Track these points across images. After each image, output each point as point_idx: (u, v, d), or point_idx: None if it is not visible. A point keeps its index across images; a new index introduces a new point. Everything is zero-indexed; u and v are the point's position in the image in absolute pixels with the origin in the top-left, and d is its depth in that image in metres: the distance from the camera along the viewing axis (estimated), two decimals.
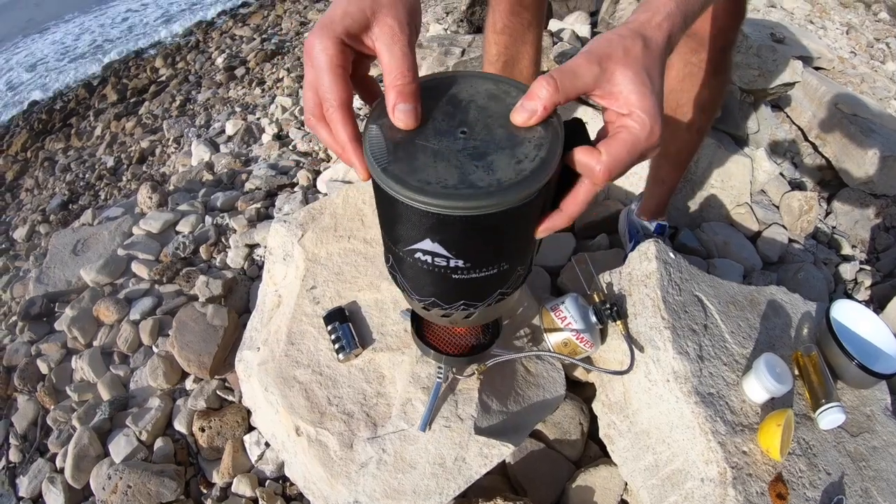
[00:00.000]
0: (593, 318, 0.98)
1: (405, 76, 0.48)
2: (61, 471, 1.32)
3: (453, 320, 0.66)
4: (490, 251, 0.53)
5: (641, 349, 0.96)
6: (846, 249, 1.91)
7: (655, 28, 0.49)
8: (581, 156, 0.47)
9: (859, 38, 3.63)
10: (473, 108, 0.52)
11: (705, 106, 1.18)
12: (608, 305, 0.99)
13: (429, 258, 0.52)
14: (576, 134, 0.49)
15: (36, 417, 1.47)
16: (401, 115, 0.48)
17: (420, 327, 0.84)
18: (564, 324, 0.96)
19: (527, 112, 0.47)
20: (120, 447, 1.31)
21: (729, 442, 0.87)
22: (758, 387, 0.90)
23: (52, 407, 1.47)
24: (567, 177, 0.49)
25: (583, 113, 1.77)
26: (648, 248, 1.04)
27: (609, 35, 0.49)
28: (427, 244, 0.51)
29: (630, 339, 0.96)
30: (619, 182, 1.71)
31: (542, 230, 0.53)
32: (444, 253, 0.51)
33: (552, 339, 0.98)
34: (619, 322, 0.97)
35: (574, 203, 0.50)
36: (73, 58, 7.93)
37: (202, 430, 1.31)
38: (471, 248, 0.51)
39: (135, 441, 1.32)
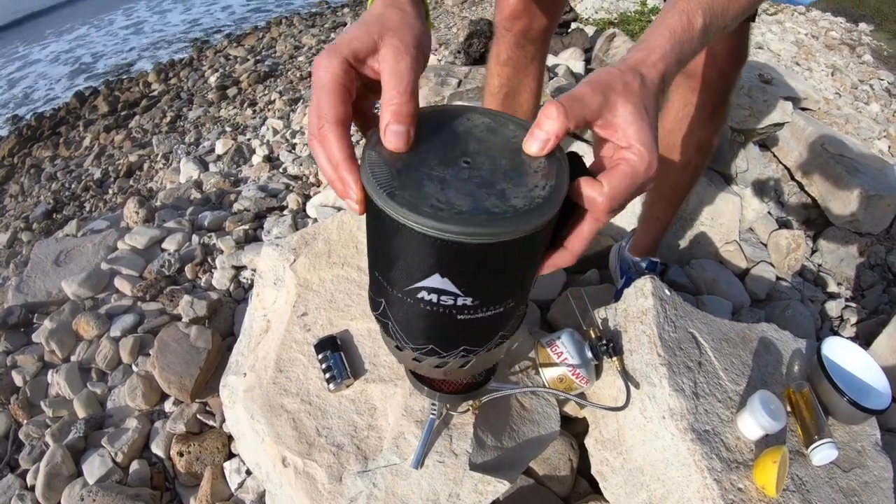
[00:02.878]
0: (589, 354, 0.97)
1: (401, 96, 0.46)
2: (32, 488, 1.26)
3: (448, 370, 0.63)
4: (499, 286, 0.51)
5: (637, 386, 0.95)
6: (832, 287, 1.94)
7: (651, 67, 0.50)
8: (583, 186, 0.47)
9: (844, 79, 3.74)
10: (473, 140, 0.50)
11: (702, 146, 1.19)
12: (604, 341, 0.98)
13: (434, 297, 0.50)
14: (575, 166, 0.49)
15: (7, 431, 1.42)
16: (391, 136, 0.46)
17: None
18: (560, 359, 0.95)
19: (539, 141, 0.47)
20: (94, 467, 1.26)
21: (725, 479, 0.86)
22: (752, 423, 0.89)
23: (25, 421, 1.42)
24: (565, 210, 0.48)
25: (576, 148, 1.78)
26: (645, 284, 1.04)
27: (609, 69, 0.50)
28: (434, 280, 0.48)
29: (626, 376, 0.95)
30: None
31: (548, 266, 0.52)
32: (453, 290, 0.48)
33: (547, 375, 0.96)
34: (614, 358, 0.96)
35: (578, 240, 0.50)
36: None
37: (181, 454, 1.27)
38: (481, 283, 0.49)
39: (110, 462, 1.27)
